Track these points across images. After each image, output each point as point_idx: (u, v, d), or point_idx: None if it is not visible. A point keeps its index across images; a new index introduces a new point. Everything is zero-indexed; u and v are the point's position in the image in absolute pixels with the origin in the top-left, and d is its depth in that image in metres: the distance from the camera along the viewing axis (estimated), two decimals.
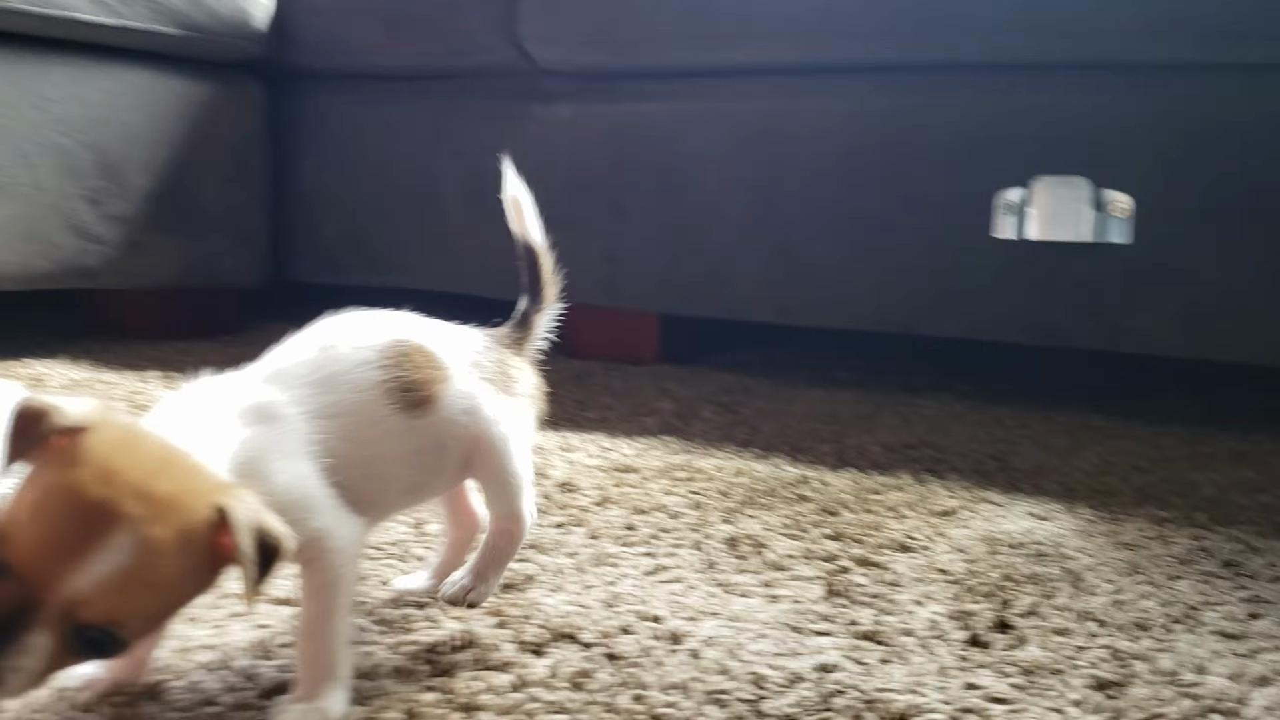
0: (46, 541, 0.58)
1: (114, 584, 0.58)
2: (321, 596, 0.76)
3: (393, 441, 0.83)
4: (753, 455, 1.57)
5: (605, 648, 0.89)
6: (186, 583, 0.64)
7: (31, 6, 1.88)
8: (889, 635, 0.95)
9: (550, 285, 1.09)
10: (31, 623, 0.57)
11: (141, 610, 0.61)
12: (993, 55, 1.87)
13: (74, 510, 0.59)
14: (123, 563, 0.58)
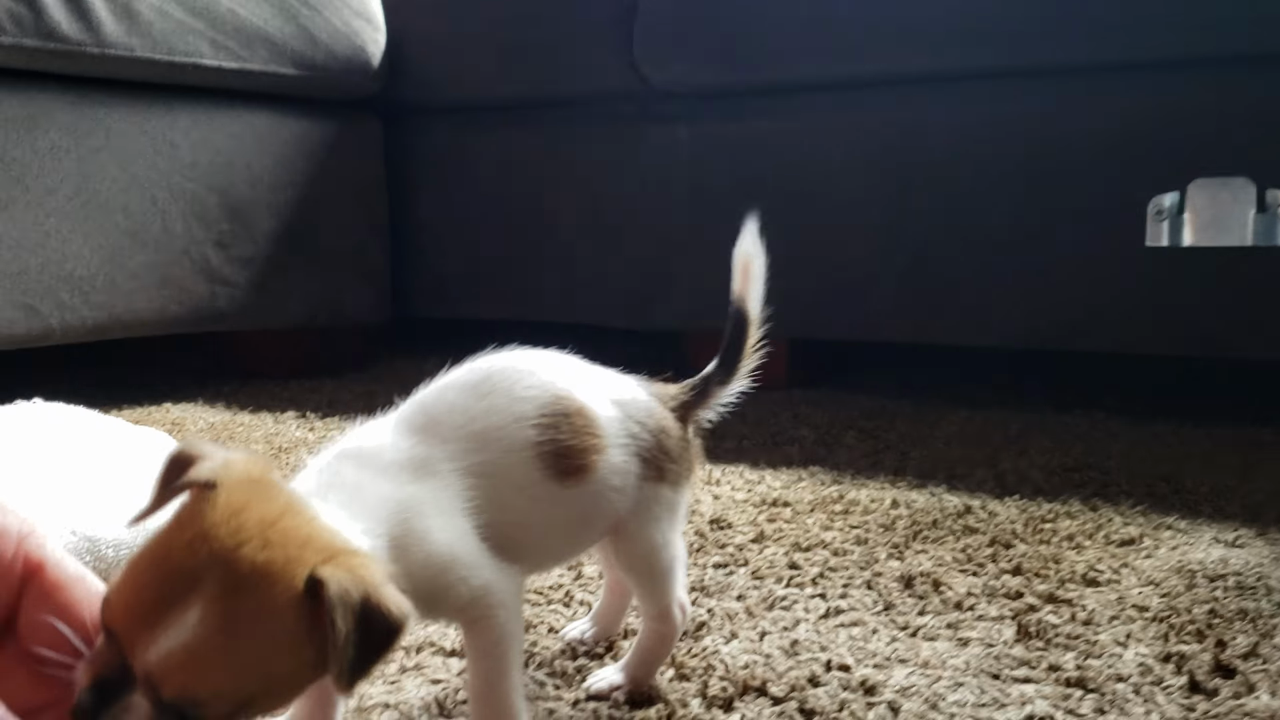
0: (131, 607, 0.55)
1: (184, 660, 0.54)
2: (492, 656, 0.72)
3: (539, 508, 0.76)
4: (907, 485, 1.50)
5: (798, 701, 0.84)
6: (277, 661, 0.57)
7: (157, 54, 1.90)
8: (1098, 681, 0.88)
9: (747, 361, 0.95)
10: (132, 684, 0.55)
11: (220, 689, 0.55)
12: (1138, 53, 1.79)
13: (160, 577, 0.56)
14: (193, 638, 0.54)
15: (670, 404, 0.88)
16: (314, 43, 2.18)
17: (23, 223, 1.76)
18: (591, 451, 0.78)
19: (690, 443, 0.89)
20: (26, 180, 1.77)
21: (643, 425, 0.82)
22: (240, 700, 0.56)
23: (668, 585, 0.85)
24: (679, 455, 0.86)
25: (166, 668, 0.54)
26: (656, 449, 0.83)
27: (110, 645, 0.56)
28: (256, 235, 2.16)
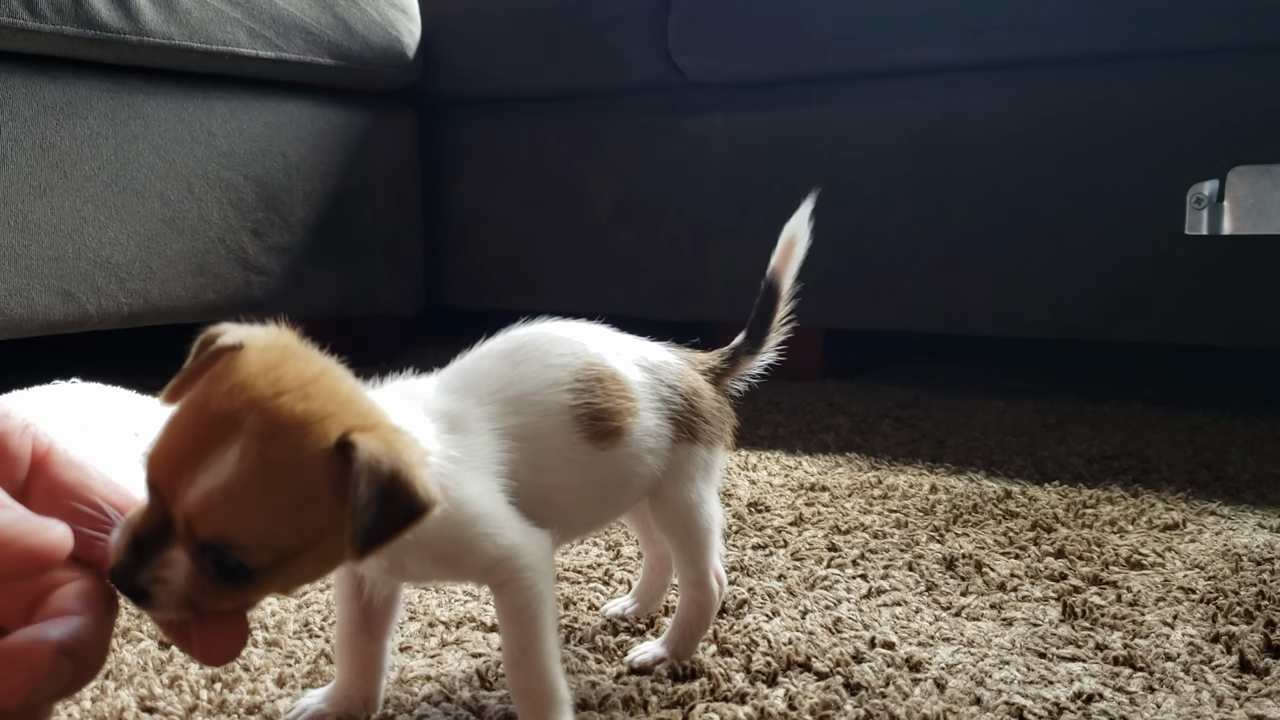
0: (171, 454, 0.56)
1: (221, 499, 0.55)
2: (523, 620, 0.71)
3: (575, 471, 0.77)
4: (945, 470, 1.49)
5: (842, 676, 0.83)
6: (308, 514, 0.57)
7: (195, 43, 1.90)
8: (1147, 660, 0.87)
9: (775, 333, 0.97)
10: (171, 539, 0.55)
11: (256, 533, 0.55)
12: (1178, 40, 1.77)
13: (199, 423, 0.56)
14: (230, 477, 0.55)
15: (702, 368, 0.89)
16: (350, 33, 2.18)
17: (61, 209, 1.77)
18: (625, 414, 0.79)
19: (725, 405, 0.90)
20: (65, 167, 1.78)
21: (674, 388, 0.83)
22: (277, 551, 0.56)
23: (705, 548, 0.86)
24: (712, 416, 0.86)
25: (205, 507, 0.54)
26: (689, 410, 0.84)
27: (150, 504, 0.56)
28: (292, 224, 2.16)
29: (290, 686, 0.82)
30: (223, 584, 0.56)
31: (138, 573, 0.55)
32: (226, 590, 0.56)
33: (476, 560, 0.70)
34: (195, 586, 0.56)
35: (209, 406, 0.57)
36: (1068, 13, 1.81)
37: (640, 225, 2.32)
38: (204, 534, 0.55)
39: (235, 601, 0.57)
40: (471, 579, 0.72)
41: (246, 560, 0.55)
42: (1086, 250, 1.87)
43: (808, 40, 2.03)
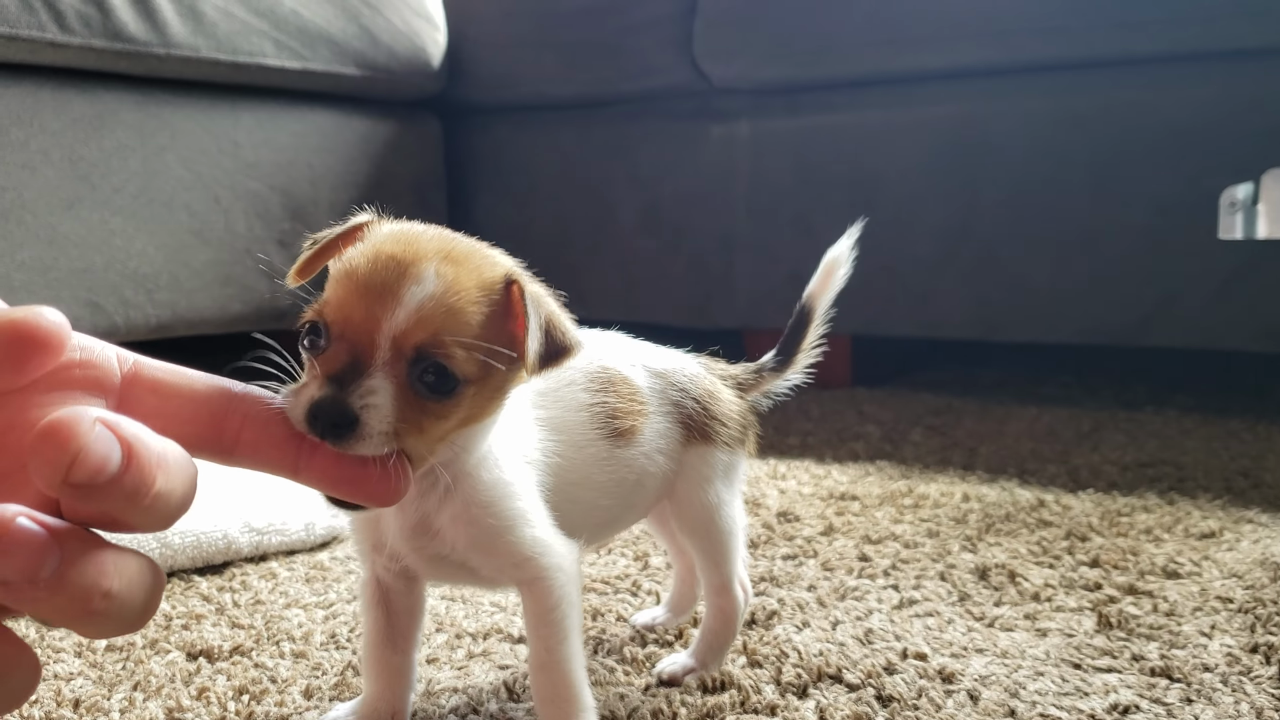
0: (361, 296, 0.61)
1: (433, 306, 0.61)
2: (551, 621, 0.71)
3: (595, 467, 0.78)
4: (978, 479, 1.47)
5: (874, 689, 0.82)
6: (489, 329, 0.63)
7: (221, 55, 1.91)
8: (1184, 671, 0.85)
9: (804, 356, 0.98)
10: (367, 369, 0.59)
11: (463, 334, 0.61)
12: (1211, 42, 1.74)
13: (376, 269, 0.62)
14: (433, 290, 0.61)
15: (723, 375, 0.90)
16: (375, 43, 2.18)
17: (89, 221, 1.78)
18: (636, 415, 0.81)
19: (741, 405, 0.90)
20: (93, 179, 1.78)
21: (685, 392, 0.84)
22: (475, 362, 0.62)
23: (728, 551, 0.86)
24: (730, 419, 0.87)
25: (418, 317, 0.60)
26: (702, 413, 0.85)
27: (331, 351, 0.60)
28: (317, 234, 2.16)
29: (317, 699, 0.81)
30: (430, 397, 0.61)
31: (347, 400, 0.57)
32: (431, 406, 0.61)
33: (511, 547, 0.71)
34: (400, 407, 0.59)
35: (380, 256, 0.62)
36: (1096, 15, 1.79)
37: (667, 232, 2.31)
38: (420, 339, 0.60)
39: (433, 425, 0.61)
40: (502, 574, 0.72)
41: (455, 368, 0.61)
42: (1119, 255, 1.85)
43: (834, 45, 2.02)
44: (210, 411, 0.53)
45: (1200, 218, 1.74)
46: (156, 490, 0.44)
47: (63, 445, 0.41)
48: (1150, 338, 1.87)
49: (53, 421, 0.41)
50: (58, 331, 0.47)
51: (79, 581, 0.43)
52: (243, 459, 0.54)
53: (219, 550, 1.12)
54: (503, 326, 0.64)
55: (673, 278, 2.30)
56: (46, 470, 0.41)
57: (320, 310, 0.62)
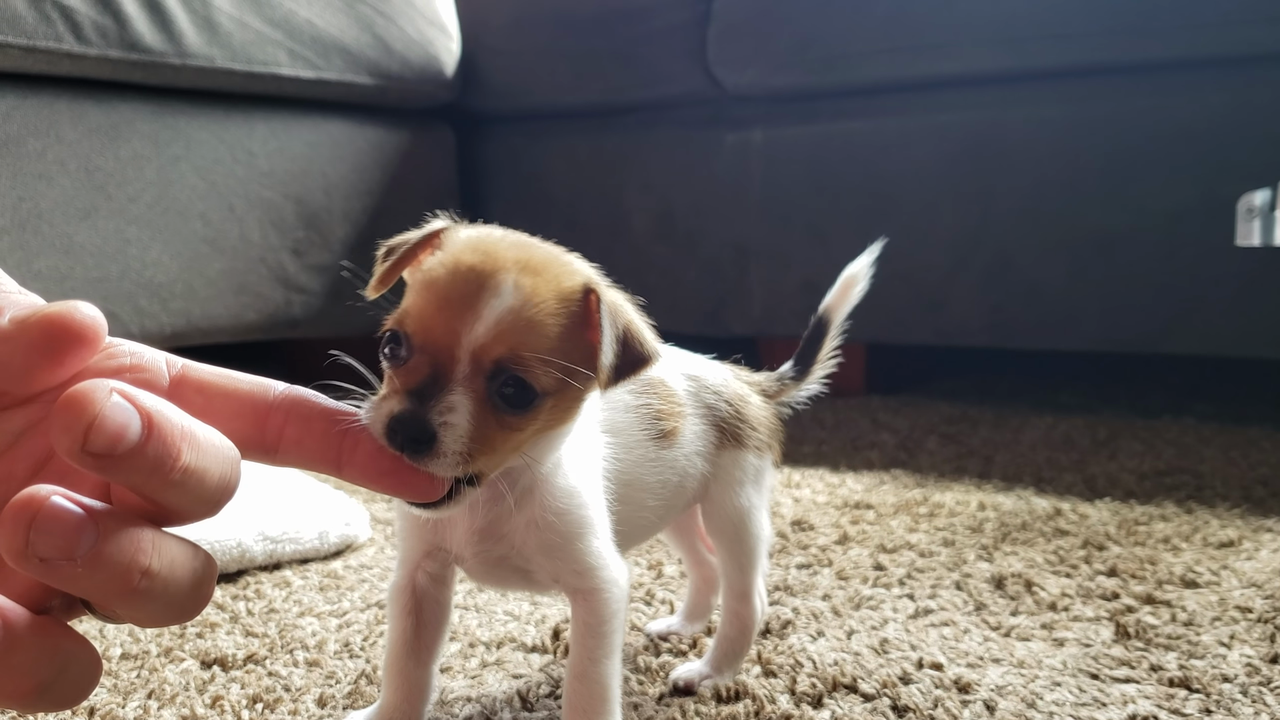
0: (442, 309, 0.62)
1: (511, 320, 0.61)
2: (600, 634, 0.72)
3: (646, 468, 0.79)
4: (993, 488, 1.46)
5: (890, 699, 0.81)
6: (567, 341, 0.63)
7: (236, 65, 1.92)
8: (1203, 682, 0.84)
9: (820, 368, 1.00)
10: (448, 385, 0.60)
11: (542, 348, 0.62)
12: (1229, 48, 1.73)
13: (455, 282, 0.62)
14: (512, 303, 0.61)
15: (750, 383, 0.92)
16: (389, 52, 2.19)
17: (104, 230, 1.79)
18: (676, 416, 0.82)
19: (770, 413, 0.92)
20: (109, 189, 1.79)
21: (718, 395, 0.86)
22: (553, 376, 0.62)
23: (755, 556, 0.87)
24: (760, 423, 0.89)
25: (497, 331, 0.61)
26: (734, 417, 0.86)
27: (412, 365, 0.61)
28: (331, 243, 2.17)
29: (331, 707, 0.81)
30: (508, 410, 0.61)
31: (427, 415, 0.58)
32: (508, 419, 0.61)
33: (576, 554, 0.72)
34: (477, 424, 0.60)
35: (460, 267, 0.63)
36: (1111, 21, 1.78)
37: (680, 240, 2.31)
38: (499, 353, 0.61)
39: (507, 439, 0.62)
40: (561, 580, 0.73)
41: (534, 381, 0.61)
42: (1135, 262, 1.84)
43: (848, 52, 2.01)
44: (254, 410, 0.53)
45: (1217, 224, 1.74)
46: (184, 464, 0.44)
47: (79, 414, 0.42)
48: (1167, 345, 1.86)
49: (70, 392, 0.42)
50: (93, 325, 0.48)
51: (116, 558, 0.43)
52: (287, 457, 0.54)
53: (233, 559, 1.12)
54: (581, 336, 0.65)
55: (686, 285, 2.30)
56: (65, 439, 0.42)
57: (400, 320, 0.63)
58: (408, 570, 0.76)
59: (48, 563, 0.42)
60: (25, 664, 0.43)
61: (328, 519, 1.21)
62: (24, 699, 0.44)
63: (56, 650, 0.44)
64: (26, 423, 0.50)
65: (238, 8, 1.90)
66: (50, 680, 0.44)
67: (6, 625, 0.42)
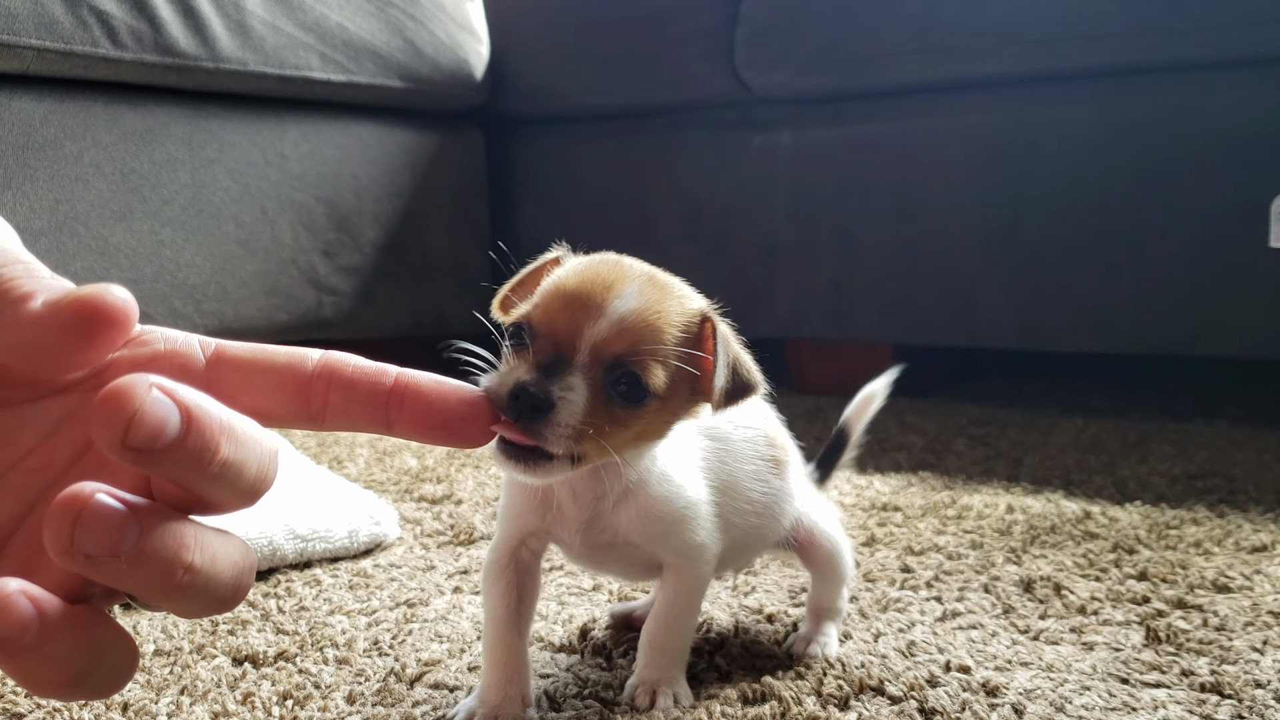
0: (569, 305, 0.68)
1: (634, 319, 0.68)
2: (685, 595, 0.82)
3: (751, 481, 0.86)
4: (1022, 490, 1.46)
5: (917, 701, 0.81)
6: (681, 356, 0.69)
7: (268, 68, 1.94)
8: (1236, 687, 0.84)
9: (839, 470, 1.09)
10: (569, 368, 0.66)
11: (653, 348, 0.68)
12: (1259, 48, 1.72)
13: (582, 285, 0.69)
14: (636, 304, 0.68)
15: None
16: (419, 55, 2.20)
17: (139, 232, 1.81)
18: (783, 450, 0.89)
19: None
20: (144, 191, 1.81)
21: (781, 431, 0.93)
22: (665, 378, 0.69)
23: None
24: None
25: (620, 328, 0.67)
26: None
27: (539, 346, 0.67)
28: (362, 245, 2.19)
29: (360, 704, 0.82)
30: (620, 404, 0.67)
31: (550, 386, 0.65)
32: (618, 413, 0.67)
33: (680, 538, 0.79)
34: (590, 406, 0.66)
35: (588, 273, 0.70)
36: (1141, 22, 1.77)
37: (708, 242, 2.31)
38: (619, 349, 0.67)
39: (614, 431, 0.67)
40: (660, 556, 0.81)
41: (648, 379, 0.67)
42: (1166, 264, 1.83)
43: (875, 54, 2.01)
44: (294, 381, 0.54)
45: (1250, 226, 1.72)
46: (223, 456, 0.45)
47: (119, 409, 0.42)
48: (1199, 348, 1.85)
49: (110, 387, 0.43)
50: (124, 307, 0.49)
51: (160, 554, 0.44)
52: (334, 422, 0.55)
53: (264, 557, 1.13)
54: (693, 357, 0.70)
55: (714, 287, 2.27)
56: (105, 434, 0.42)
57: (527, 316, 0.69)
58: (509, 547, 0.81)
59: (92, 559, 0.42)
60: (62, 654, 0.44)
61: (357, 518, 1.22)
62: (62, 688, 0.45)
63: (93, 640, 0.45)
64: (65, 411, 0.51)
65: (270, 12, 1.92)
66: (87, 670, 0.45)
67: (43, 615, 0.43)
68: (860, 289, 2.12)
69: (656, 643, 0.81)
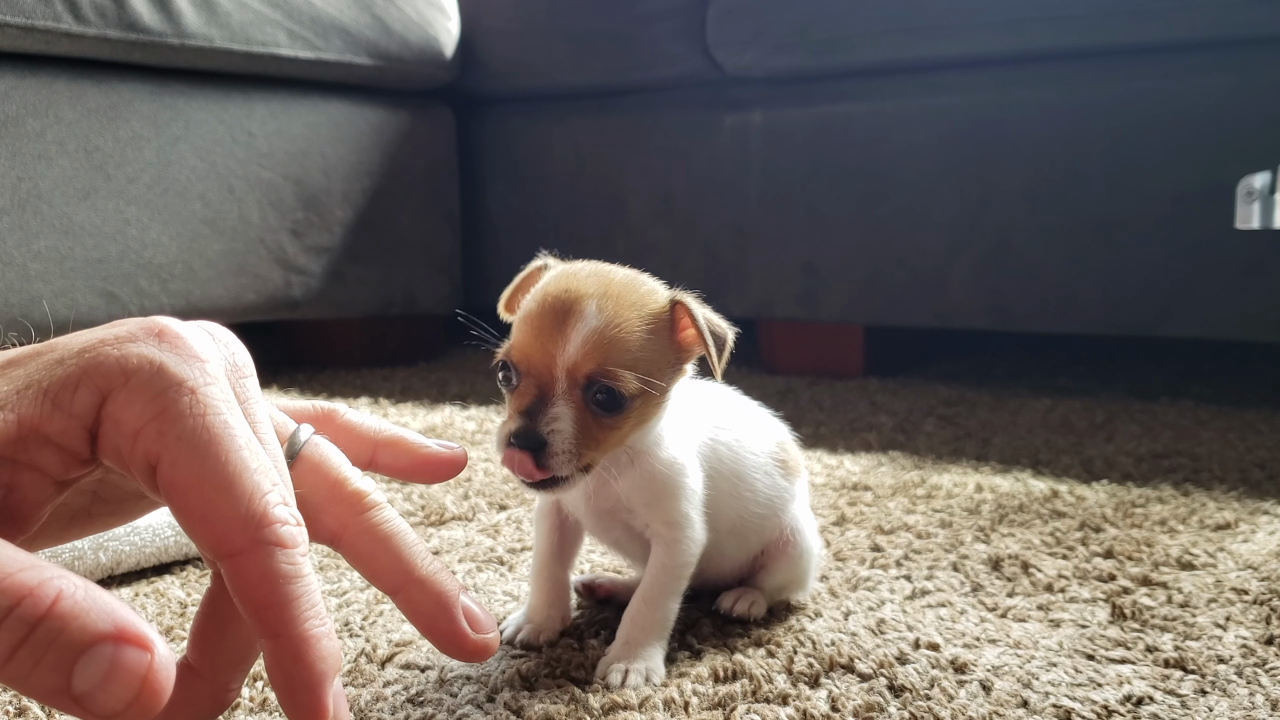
0: (537, 337, 0.76)
1: (596, 339, 0.75)
2: (669, 571, 0.85)
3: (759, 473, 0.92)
4: (991, 470, 1.47)
5: (886, 678, 0.82)
6: (654, 353, 0.77)
7: (235, 45, 1.91)
8: (1199, 663, 0.85)
9: None
10: (550, 400, 0.75)
11: (625, 359, 0.75)
12: (1228, 30, 1.73)
13: (546, 312, 0.76)
14: (597, 324, 0.75)
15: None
16: (388, 33, 2.19)
17: (104, 211, 1.79)
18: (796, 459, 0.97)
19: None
20: (108, 169, 1.79)
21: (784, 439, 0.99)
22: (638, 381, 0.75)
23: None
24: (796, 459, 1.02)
25: (586, 350, 0.74)
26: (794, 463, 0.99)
27: (521, 389, 0.76)
28: (331, 224, 2.17)
29: None
30: (603, 415, 0.75)
31: (536, 427, 0.73)
32: (605, 420, 0.75)
33: (668, 510, 0.85)
34: (579, 427, 0.74)
35: (549, 299, 0.77)
36: (1111, 3, 1.78)
37: (679, 222, 2.31)
38: (589, 369, 0.74)
39: (608, 436, 0.76)
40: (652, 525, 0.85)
41: (621, 388, 0.75)
42: (1134, 245, 1.84)
43: (847, 34, 2.01)
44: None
45: (1217, 207, 1.74)
46: None
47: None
48: (1166, 328, 1.86)
49: None
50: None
51: None
52: None
53: None
54: (670, 341, 0.79)
55: (685, 267, 2.30)
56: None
57: (508, 352, 0.77)
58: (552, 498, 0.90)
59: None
60: None
61: None
62: None
63: None
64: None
65: None
66: None
67: None
68: (831, 270, 2.12)
69: (638, 619, 0.84)
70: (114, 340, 0.47)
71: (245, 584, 0.45)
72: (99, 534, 1.01)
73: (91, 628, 0.37)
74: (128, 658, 0.37)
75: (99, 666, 0.37)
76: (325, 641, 0.46)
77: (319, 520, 0.53)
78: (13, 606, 0.36)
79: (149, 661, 0.37)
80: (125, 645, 0.37)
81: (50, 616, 0.37)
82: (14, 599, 0.37)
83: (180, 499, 0.45)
